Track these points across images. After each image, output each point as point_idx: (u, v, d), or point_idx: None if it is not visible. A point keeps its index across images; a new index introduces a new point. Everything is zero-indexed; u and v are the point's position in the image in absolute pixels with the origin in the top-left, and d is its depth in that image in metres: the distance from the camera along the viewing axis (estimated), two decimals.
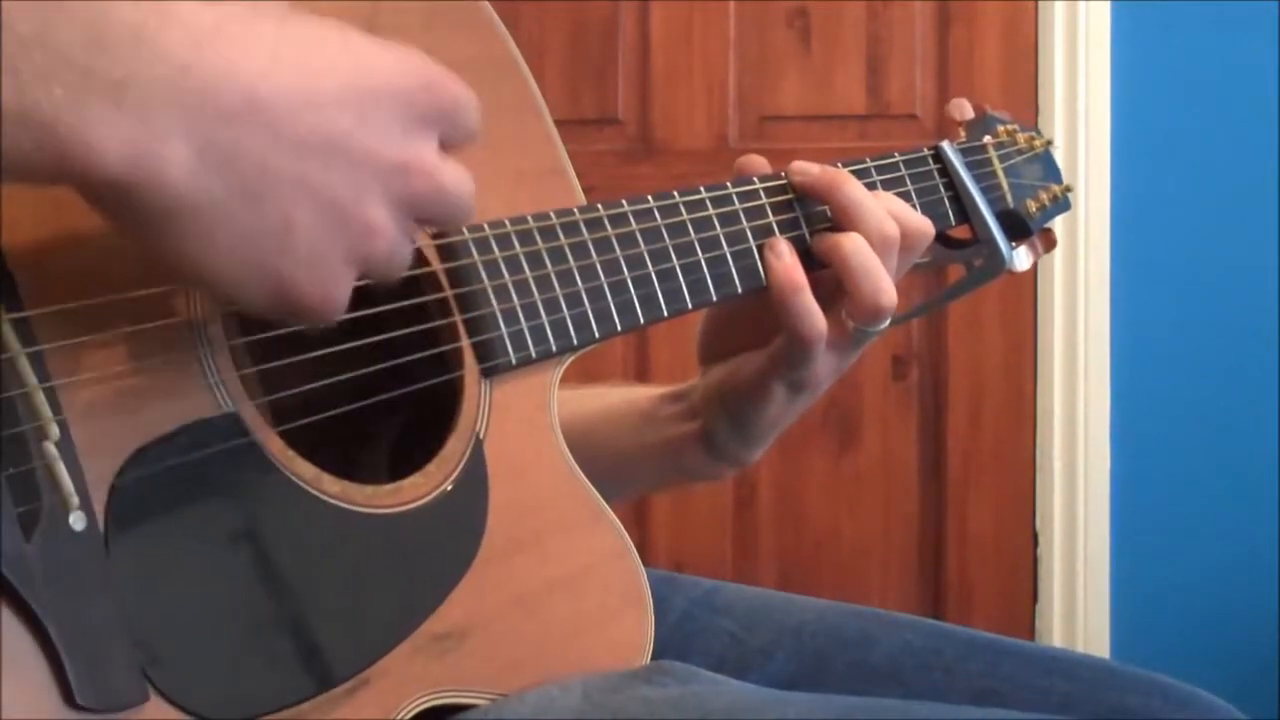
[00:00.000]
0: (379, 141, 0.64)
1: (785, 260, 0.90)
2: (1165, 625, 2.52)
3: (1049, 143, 1.16)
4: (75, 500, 0.62)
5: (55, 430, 0.62)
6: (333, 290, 0.64)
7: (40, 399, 0.62)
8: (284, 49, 0.61)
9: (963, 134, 1.12)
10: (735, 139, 2.63)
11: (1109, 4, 2.50)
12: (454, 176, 0.68)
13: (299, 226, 0.62)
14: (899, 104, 2.58)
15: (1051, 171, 1.16)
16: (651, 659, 0.83)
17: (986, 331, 2.57)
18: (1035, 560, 2.57)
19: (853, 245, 0.90)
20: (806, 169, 0.93)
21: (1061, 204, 1.15)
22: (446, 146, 0.68)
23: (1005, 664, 0.90)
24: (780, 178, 0.95)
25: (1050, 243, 1.15)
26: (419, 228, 0.68)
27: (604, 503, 0.84)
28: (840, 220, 0.92)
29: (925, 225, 0.95)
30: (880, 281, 0.90)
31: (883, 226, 0.91)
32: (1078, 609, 2.54)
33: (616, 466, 1.00)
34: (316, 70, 0.63)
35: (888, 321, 0.92)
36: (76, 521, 0.62)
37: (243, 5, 0.61)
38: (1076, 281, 2.51)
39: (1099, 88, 2.49)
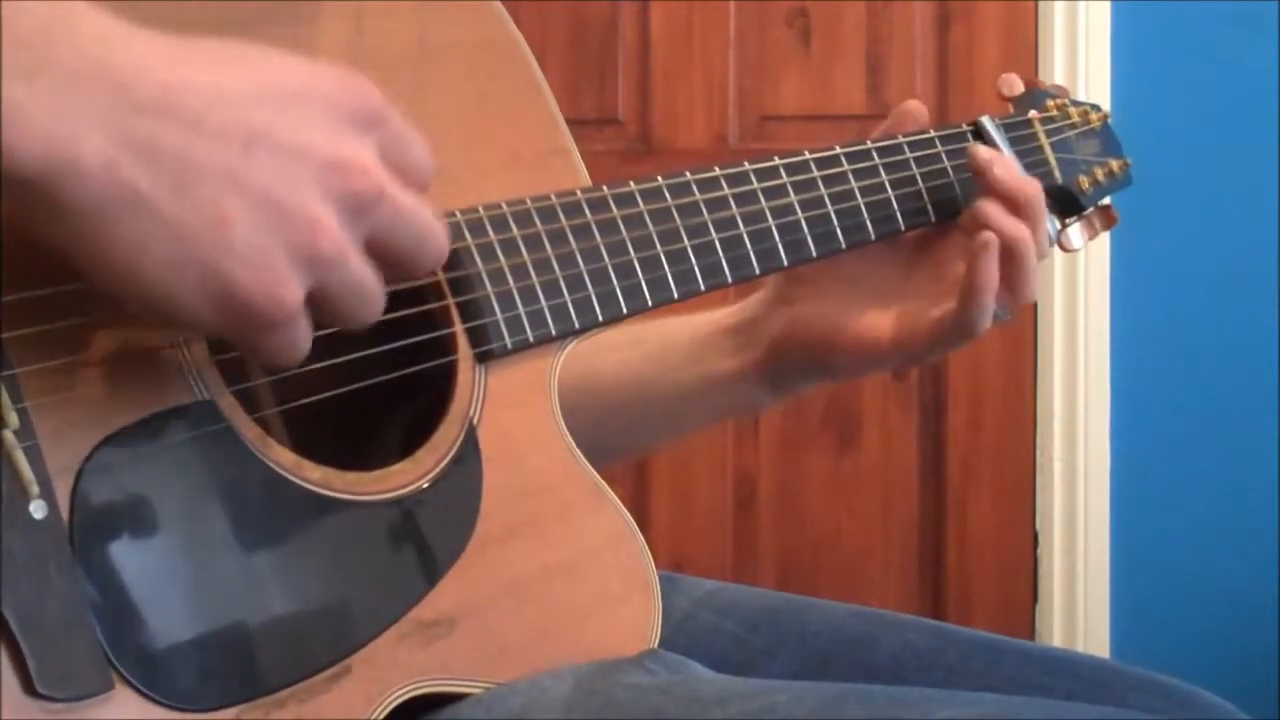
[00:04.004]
0: (304, 136, 0.62)
1: (995, 260, 0.95)
2: (1165, 625, 2.52)
3: (1106, 116, 1.12)
4: (35, 489, 0.62)
5: (14, 419, 0.61)
6: (279, 290, 0.61)
7: None
8: (196, 52, 0.61)
9: (1011, 109, 1.09)
10: (735, 139, 2.63)
11: (1109, 4, 2.50)
12: (406, 196, 0.65)
13: (233, 221, 0.59)
14: (899, 104, 2.57)
15: (1110, 146, 1.12)
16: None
17: (986, 332, 2.56)
18: (1035, 560, 2.57)
19: (1029, 248, 0.97)
20: (1010, 179, 0.98)
21: (1121, 180, 1.11)
22: (392, 166, 0.65)
23: (1007, 664, 0.90)
24: (815, 152, 0.96)
25: (1110, 220, 1.11)
26: (378, 263, 0.65)
27: (607, 487, 0.82)
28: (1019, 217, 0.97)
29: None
30: (1036, 279, 0.98)
31: (1044, 242, 0.99)
32: (1078, 609, 2.54)
33: (670, 406, 1.03)
34: (230, 70, 0.62)
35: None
36: (37, 510, 0.62)
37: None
38: (1076, 281, 2.51)
39: (1099, 88, 2.48)
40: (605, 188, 0.85)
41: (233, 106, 0.60)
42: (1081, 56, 2.50)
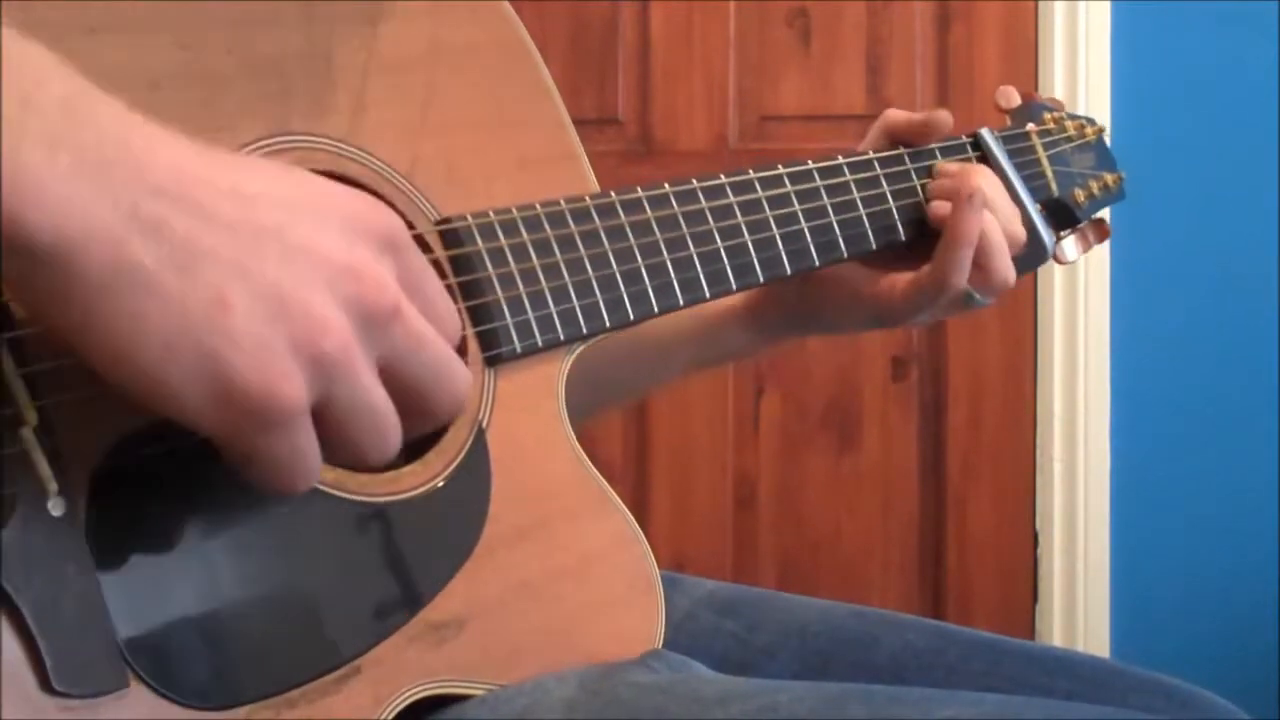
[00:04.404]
0: (318, 241, 0.60)
1: (979, 215, 0.98)
2: (1165, 625, 2.52)
3: (1101, 130, 1.13)
4: (53, 486, 0.62)
5: (33, 416, 0.62)
6: (277, 380, 0.58)
7: (18, 385, 0.62)
8: (213, 153, 0.60)
9: (1008, 122, 1.10)
10: (735, 139, 2.63)
11: (1109, 4, 2.50)
12: (424, 323, 0.63)
13: (235, 308, 0.58)
14: (899, 104, 2.55)
15: (1104, 160, 1.13)
16: None
17: (986, 331, 2.57)
18: (1035, 560, 2.57)
19: (993, 227, 0.99)
20: (951, 170, 1.01)
21: (1114, 194, 1.13)
22: (411, 293, 0.63)
23: (1007, 664, 0.90)
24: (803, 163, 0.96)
25: (1103, 233, 1.12)
26: (391, 394, 0.62)
27: (612, 492, 0.83)
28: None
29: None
30: (1006, 259, 1.00)
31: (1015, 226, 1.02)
32: (1078, 609, 2.54)
33: (656, 349, 1.05)
34: (246, 171, 0.61)
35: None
36: (54, 507, 0.62)
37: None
38: (1076, 281, 2.51)
39: (1099, 88, 2.49)
40: (613, 194, 0.85)
41: (245, 203, 0.59)
42: (1081, 56, 2.50)
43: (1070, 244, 1.10)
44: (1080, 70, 2.49)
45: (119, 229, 0.56)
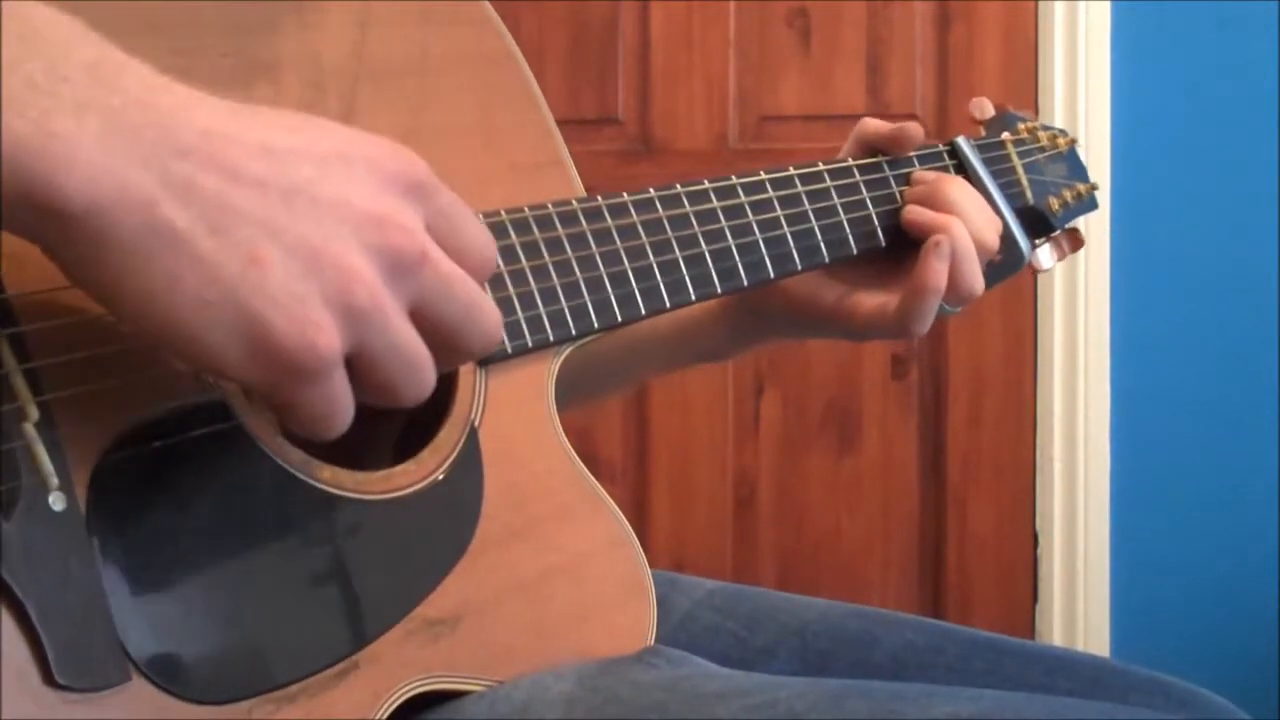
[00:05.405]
0: (345, 192, 0.61)
1: (945, 264, 0.98)
2: (1165, 625, 2.52)
3: (1073, 141, 1.15)
4: (55, 481, 0.62)
5: (35, 411, 0.62)
6: (312, 333, 0.59)
7: (20, 380, 0.62)
8: (241, 110, 0.61)
9: (982, 132, 1.12)
10: (735, 139, 2.63)
11: (1109, 4, 2.50)
12: (452, 265, 0.64)
13: (269, 263, 0.59)
14: (899, 104, 2.58)
15: (1076, 170, 1.15)
16: None
17: (986, 331, 2.57)
18: (1035, 560, 2.58)
19: (963, 235, 0.99)
20: (924, 176, 1.02)
21: (1087, 203, 1.14)
22: (441, 238, 0.64)
23: (1007, 663, 0.90)
24: (791, 168, 0.97)
25: (1077, 242, 1.14)
26: (424, 336, 0.64)
27: (604, 492, 0.83)
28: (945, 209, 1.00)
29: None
30: (974, 271, 0.99)
31: (984, 231, 1.01)
32: (1078, 609, 2.54)
33: (631, 348, 1.06)
34: (274, 129, 0.61)
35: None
36: (56, 502, 0.62)
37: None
38: (1076, 281, 2.51)
39: (1099, 88, 2.49)
40: (600, 198, 0.86)
41: (274, 160, 0.60)
42: (1081, 56, 2.50)
43: (1045, 252, 1.12)
44: (1080, 70, 2.49)
45: (150, 190, 0.57)
